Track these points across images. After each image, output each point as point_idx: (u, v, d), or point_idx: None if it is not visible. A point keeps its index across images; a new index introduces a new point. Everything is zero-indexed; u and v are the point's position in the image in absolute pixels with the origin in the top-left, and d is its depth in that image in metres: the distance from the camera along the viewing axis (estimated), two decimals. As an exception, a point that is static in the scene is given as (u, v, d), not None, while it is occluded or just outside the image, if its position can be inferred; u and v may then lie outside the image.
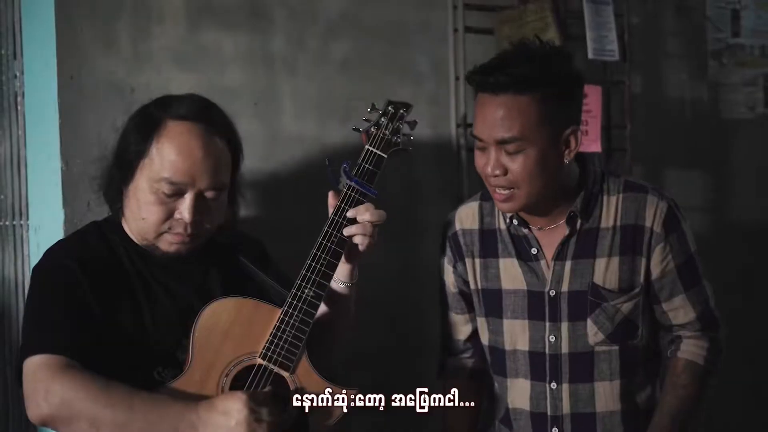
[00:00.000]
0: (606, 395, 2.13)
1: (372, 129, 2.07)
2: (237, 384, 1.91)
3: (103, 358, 1.87)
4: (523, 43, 2.09)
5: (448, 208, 2.92)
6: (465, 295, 2.29)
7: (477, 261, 2.23)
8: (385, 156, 2.05)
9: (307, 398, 1.90)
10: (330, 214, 2.00)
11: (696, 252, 2.17)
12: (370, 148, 2.05)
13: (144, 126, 1.98)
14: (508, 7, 3.02)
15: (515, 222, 2.16)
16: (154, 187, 1.95)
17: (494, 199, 2.09)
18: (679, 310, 2.16)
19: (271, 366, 1.91)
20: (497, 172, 2.01)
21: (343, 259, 2.01)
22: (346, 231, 1.98)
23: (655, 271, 2.12)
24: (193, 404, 1.83)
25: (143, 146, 1.96)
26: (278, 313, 1.94)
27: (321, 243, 1.97)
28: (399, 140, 2.07)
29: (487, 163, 2.03)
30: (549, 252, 2.14)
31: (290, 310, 1.94)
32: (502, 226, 2.20)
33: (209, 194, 1.99)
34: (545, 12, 2.95)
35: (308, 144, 2.75)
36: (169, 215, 1.97)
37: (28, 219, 2.75)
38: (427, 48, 3.00)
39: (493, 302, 2.21)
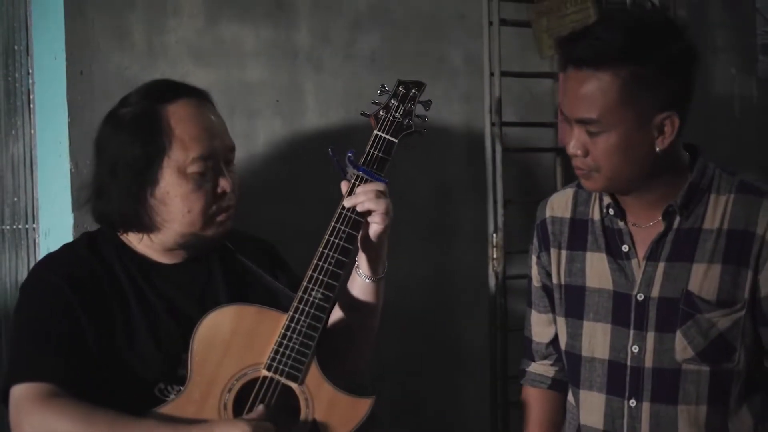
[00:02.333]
0: (690, 421, 1.92)
1: (381, 112, 1.95)
2: (241, 399, 1.78)
3: (98, 378, 1.79)
4: (623, 9, 1.95)
5: (481, 210, 2.89)
6: (549, 291, 2.12)
7: (563, 253, 2.06)
8: (396, 141, 1.92)
9: (318, 410, 1.79)
10: (338, 208, 1.88)
11: None
12: (379, 133, 1.93)
13: (147, 126, 1.87)
14: None
15: (611, 212, 1.97)
16: (189, 174, 1.86)
17: (578, 175, 1.94)
18: None
19: (277, 377, 1.79)
20: (578, 152, 1.86)
21: (362, 249, 1.90)
22: (347, 201, 1.86)
23: (765, 288, 1.87)
24: (185, 428, 1.72)
25: (159, 143, 1.86)
26: (283, 319, 1.82)
27: (328, 240, 1.85)
28: (411, 123, 1.95)
29: (569, 140, 1.89)
30: (642, 251, 1.95)
31: (297, 315, 1.81)
32: (596, 217, 2.02)
33: (230, 157, 1.95)
34: (586, 3, 2.81)
35: (333, 143, 2.62)
36: (212, 195, 1.90)
37: (39, 223, 2.68)
38: (460, 42, 2.92)
39: (574, 301, 2.03)
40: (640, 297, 1.93)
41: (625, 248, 1.95)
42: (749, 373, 1.94)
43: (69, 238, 2.32)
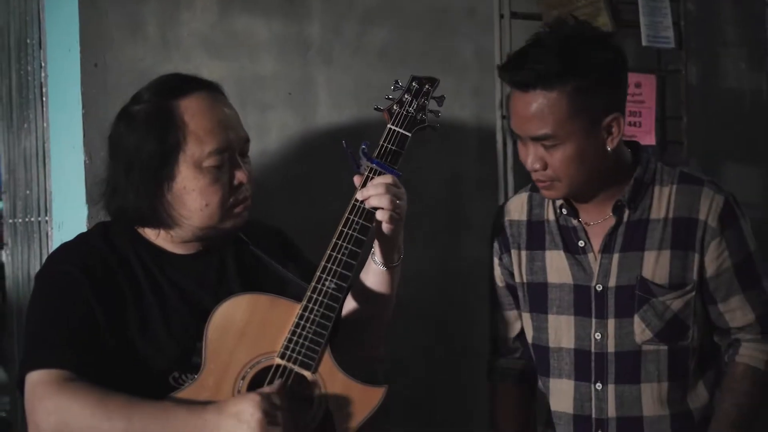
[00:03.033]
0: (653, 398, 2.04)
1: (395, 107, 1.98)
2: (255, 387, 1.79)
3: (112, 366, 1.80)
4: (547, 31, 2.00)
5: (492, 203, 2.86)
6: (512, 289, 2.22)
7: (523, 253, 2.17)
8: (409, 134, 1.95)
9: (331, 399, 1.80)
10: (351, 200, 1.89)
11: (756, 250, 2.06)
12: (392, 127, 1.95)
13: (160, 122, 1.87)
14: None
15: (564, 212, 2.09)
16: (205, 167, 1.87)
17: (539, 187, 2.04)
18: (736, 312, 2.05)
19: (291, 366, 1.80)
20: (536, 166, 1.97)
21: (377, 238, 1.92)
22: (359, 194, 1.87)
23: (710, 269, 2.03)
24: (200, 408, 1.72)
25: (174, 139, 1.86)
26: (297, 308, 1.83)
27: (342, 231, 1.87)
28: (425, 117, 1.98)
29: (527, 156, 1.99)
30: (596, 245, 2.07)
31: (310, 305, 1.82)
32: (551, 218, 2.14)
33: (245, 149, 1.96)
34: None
35: (345, 136, 2.62)
36: (229, 188, 1.90)
37: (52, 215, 2.69)
38: (471, 35, 2.90)
39: (538, 296, 2.14)
40: (599, 288, 2.05)
41: (581, 244, 2.08)
42: (702, 349, 2.08)
43: (83, 230, 2.30)
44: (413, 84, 2.00)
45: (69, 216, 2.47)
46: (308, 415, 1.78)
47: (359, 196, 1.87)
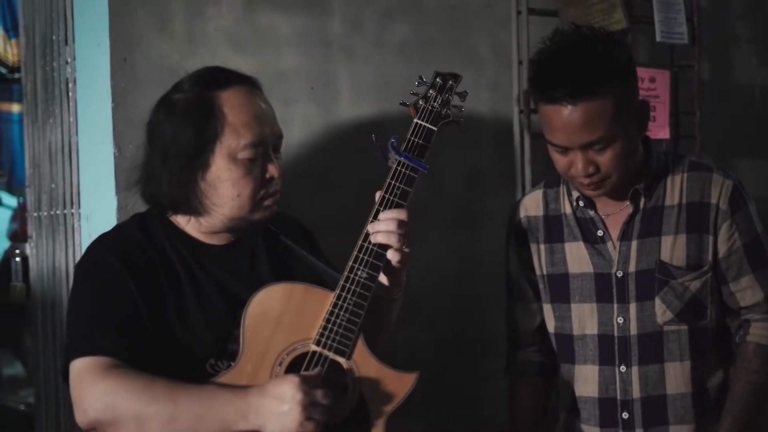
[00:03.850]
0: (676, 377, 2.09)
1: (420, 102, 2.01)
2: (291, 373, 1.80)
3: (152, 354, 1.82)
4: (570, 39, 2.03)
5: (509, 197, 2.87)
6: (531, 283, 2.25)
7: (542, 247, 2.21)
8: (435, 129, 1.98)
9: (365, 384, 1.83)
10: (381, 193, 1.93)
11: (763, 233, 2.14)
12: (419, 122, 1.98)
13: (200, 112, 1.90)
14: None
15: (582, 204, 2.14)
16: (239, 159, 1.90)
17: (583, 189, 2.08)
18: (746, 291, 2.11)
19: (326, 352, 1.83)
20: (591, 170, 1.99)
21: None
22: (374, 237, 1.89)
23: (722, 250, 2.09)
24: (242, 391, 1.76)
25: (212, 129, 1.89)
26: (330, 297, 1.86)
27: (372, 221, 1.90)
28: (449, 112, 2.01)
29: (571, 165, 2.01)
30: (615, 233, 2.12)
31: (343, 294, 1.86)
32: (568, 211, 2.19)
33: (278, 144, 1.99)
34: None
35: (366, 129, 2.61)
36: (261, 180, 1.93)
37: (79, 207, 2.71)
38: (489, 31, 2.92)
39: (559, 287, 2.18)
40: (619, 274, 2.11)
41: (599, 233, 2.13)
42: (720, 331, 2.15)
43: (112, 220, 2.35)
44: (437, 80, 2.03)
45: (97, 208, 2.50)
46: (343, 400, 1.81)
47: (370, 229, 1.89)
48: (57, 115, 2.93)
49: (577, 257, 2.16)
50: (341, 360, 1.83)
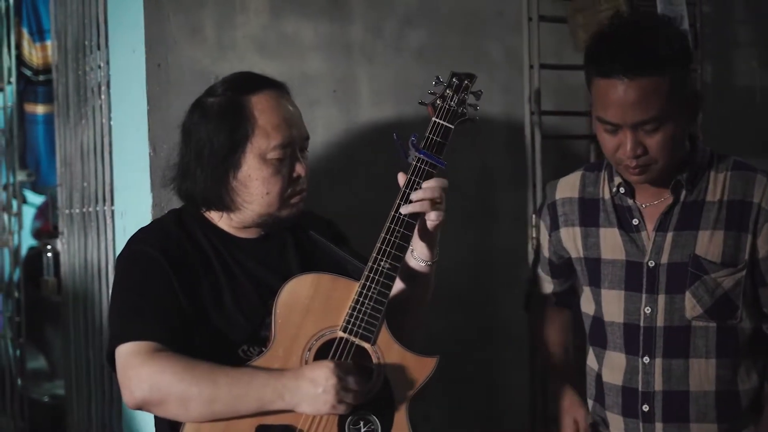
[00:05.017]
0: (701, 373, 2.04)
1: (438, 101, 2.04)
2: (320, 357, 1.89)
3: (190, 340, 1.90)
4: (632, 19, 2.00)
5: (520, 195, 2.95)
6: (552, 264, 2.28)
7: (577, 229, 2.18)
8: (452, 126, 2.01)
9: (389, 368, 1.91)
10: (402, 188, 1.97)
11: None
12: (437, 120, 2.02)
13: (232, 114, 1.98)
14: None
15: (622, 190, 2.09)
16: (269, 159, 1.98)
17: (627, 175, 2.03)
18: None
19: (352, 338, 1.90)
20: (639, 151, 1.94)
21: (418, 237, 2.00)
22: (407, 209, 1.94)
23: (763, 250, 2.02)
24: (278, 373, 1.84)
25: (243, 131, 1.97)
26: (356, 286, 1.93)
27: (394, 216, 1.95)
28: (465, 111, 2.04)
29: (619, 146, 1.95)
30: (651, 224, 2.08)
31: (368, 283, 1.92)
32: (606, 196, 2.14)
33: (305, 145, 2.06)
34: (618, 0, 2.87)
35: (385, 130, 2.72)
36: (289, 179, 2.01)
37: (112, 205, 2.80)
38: (501, 36, 2.97)
39: (593, 271, 2.16)
40: (651, 264, 2.06)
41: (635, 222, 2.09)
42: (754, 334, 2.07)
43: (147, 217, 2.43)
44: (453, 80, 2.06)
45: (132, 205, 2.59)
46: (368, 383, 1.88)
47: (414, 197, 1.95)
48: (89, 117, 3.02)
49: (610, 243, 2.12)
50: (366, 345, 1.91)
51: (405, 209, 1.94)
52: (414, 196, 1.95)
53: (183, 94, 2.40)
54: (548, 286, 2.33)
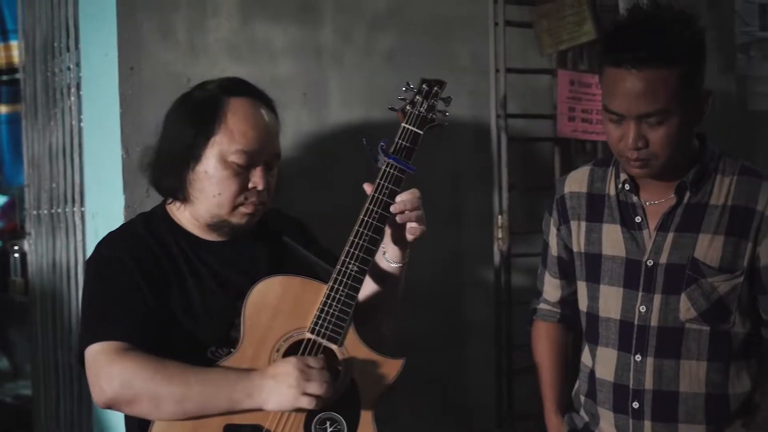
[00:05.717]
0: (692, 375, 2.03)
1: (407, 107, 2.05)
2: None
3: (158, 341, 1.91)
4: (648, 10, 1.96)
5: (487, 195, 2.99)
6: (562, 261, 2.23)
7: (582, 224, 2.16)
8: (422, 132, 2.02)
9: (356, 369, 1.93)
10: (369, 193, 1.98)
11: None
12: (407, 126, 2.02)
13: (206, 108, 2.00)
14: (547, 1, 3.01)
15: (627, 187, 2.07)
16: (228, 161, 1.98)
17: (628, 167, 2.00)
18: None
19: (320, 340, 1.92)
20: (640, 144, 1.92)
21: (392, 241, 2.02)
22: (394, 209, 1.96)
23: (765, 259, 2.00)
24: (246, 373, 1.87)
25: (210, 127, 1.99)
26: (324, 288, 1.94)
27: (363, 219, 1.96)
28: (434, 117, 2.05)
29: (623, 136, 1.94)
30: (653, 222, 2.05)
31: (336, 286, 1.94)
32: (612, 192, 2.12)
33: (272, 162, 2.05)
34: (582, 6, 2.95)
35: (355, 133, 2.75)
36: (244, 187, 2.01)
37: (82, 206, 2.82)
38: (468, 41, 3.01)
39: (593, 267, 2.14)
40: (650, 263, 2.04)
41: (638, 219, 2.06)
42: (747, 338, 2.06)
43: (119, 218, 2.45)
44: (423, 86, 2.07)
45: (103, 206, 2.60)
46: (335, 384, 1.90)
47: (393, 209, 1.96)
48: (58, 118, 3.03)
49: (612, 240, 2.10)
50: (334, 347, 1.93)
51: (399, 218, 1.96)
52: (395, 208, 1.97)
53: (155, 96, 2.43)
54: (555, 292, 2.28)
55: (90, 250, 2.63)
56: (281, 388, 1.85)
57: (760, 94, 3.84)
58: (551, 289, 2.28)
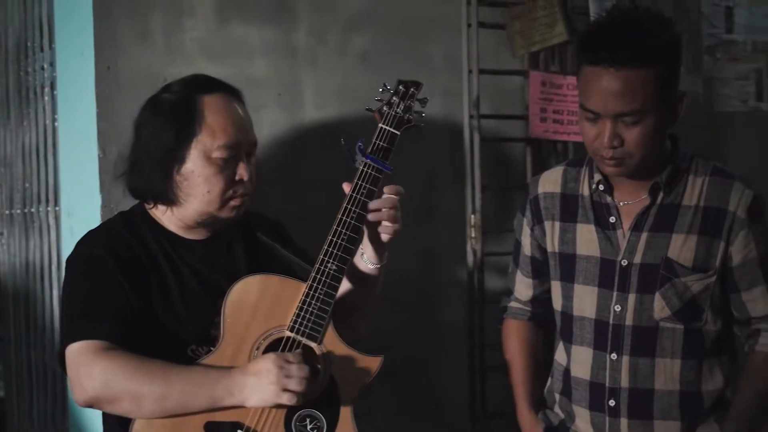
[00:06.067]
0: (666, 373, 2.06)
1: (384, 108, 2.07)
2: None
3: (139, 340, 1.92)
4: (627, 11, 1.98)
5: (460, 195, 3.01)
6: (535, 261, 2.24)
7: (557, 224, 2.17)
8: (398, 133, 2.05)
9: (335, 367, 1.95)
10: (348, 192, 2.01)
11: None
12: (384, 126, 2.05)
13: (182, 110, 2.02)
14: (519, 3, 3.04)
15: (601, 187, 2.09)
16: (213, 158, 2.01)
17: (603, 166, 2.02)
18: (758, 302, 2.06)
19: (299, 338, 1.94)
20: (615, 143, 1.93)
21: (369, 242, 2.05)
22: (371, 216, 1.99)
23: (737, 258, 2.04)
24: (227, 371, 1.89)
25: (191, 127, 2.00)
26: (303, 287, 1.97)
27: (341, 219, 1.99)
28: (411, 117, 2.07)
29: (598, 135, 1.95)
30: (627, 222, 2.07)
31: (315, 284, 1.96)
32: (585, 192, 2.14)
33: (251, 151, 2.09)
34: (554, 8, 2.98)
35: (329, 133, 2.77)
36: (231, 181, 2.04)
37: (56, 205, 2.81)
38: (442, 42, 3.03)
39: (567, 266, 2.15)
40: (624, 263, 2.06)
41: (612, 219, 2.08)
42: (719, 336, 2.10)
43: (94, 217, 2.45)
44: (400, 87, 2.10)
45: (79, 205, 2.60)
46: (315, 382, 1.93)
47: (372, 206, 2.00)
48: (32, 118, 3.02)
49: (586, 239, 2.12)
50: (313, 344, 1.95)
51: (371, 216, 1.99)
52: (373, 205, 1.99)
53: (132, 96, 2.40)
54: (527, 291, 2.29)
55: (65, 250, 2.67)
56: (262, 385, 1.86)
57: (725, 96, 3.87)
58: (523, 287, 2.30)
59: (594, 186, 2.11)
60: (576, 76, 2.02)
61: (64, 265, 2.63)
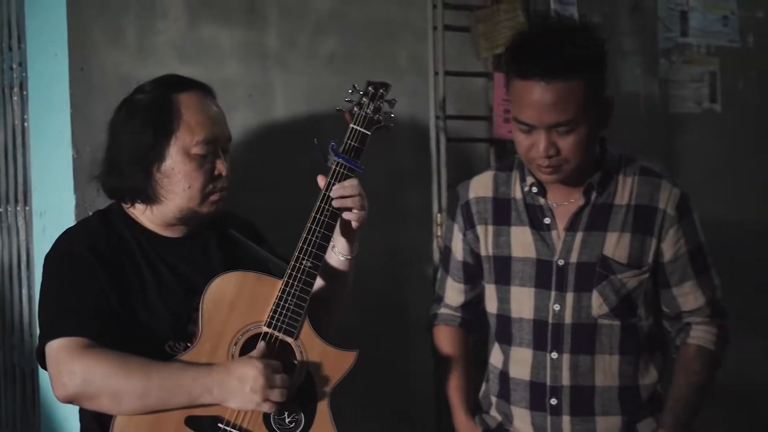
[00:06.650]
0: (605, 369, 2.10)
1: (355, 109, 2.12)
2: (246, 351, 1.97)
3: (118, 336, 1.95)
4: (552, 23, 2.04)
5: (426, 194, 3.04)
6: (467, 266, 2.27)
7: (490, 228, 2.20)
8: (369, 133, 2.10)
9: (311, 362, 2.00)
10: (322, 190, 2.06)
11: (705, 242, 2.16)
12: (354, 127, 2.10)
13: (159, 109, 2.05)
14: (483, 7, 3.09)
15: (534, 190, 2.12)
16: (192, 154, 2.05)
17: (539, 174, 2.05)
18: (689, 296, 2.13)
19: (276, 333, 1.98)
20: (551, 152, 1.98)
21: (339, 233, 2.09)
22: (335, 192, 2.03)
23: (668, 254, 2.10)
24: (208, 369, 1.91)
25: (169, 125, 2.04)
26: (279, 284, 2.00)
27: (315, 217, 2.03)
28: (381, 118, 2.13)
29: (533, 145, 1.99)
30: (561, 223, 2.12)
31: (290, 281, 2.00)
32: (518, 196, 2.18)
33: (226, 146, 2.13)
34: (517, 11, 3.04)
35: (299, 133, 2.81)
36: (210, 176, 2.07)
37: (26, 205, 2.81)
38: (408, 44, 3.07)
39: (502, 269, 2.18)
40: (561, 263, 2.11)
41: (546, 221, 2.14)
42: (651, 332, 2.17)
43: (68, 216, 2.46)
44: (369, 88, 2.15)
45: (52, 205, 2.61)
46: (291, 377, 1.97)
47: (334, 194, 2.04)
48: (1, 118, 3.02)
49: (521, 242, 2.15)
50: (290, 340, 2.00)
51: (335, 203, 2.03)
52: (335, 192, 2.03)
53: (106, 97, 2.43)
54: (458, 297, 2.32)
55: (36, 250, 2.68)
56: (245, 391, 1.90)
57: (680, 98, 3.96)
58: (454, 294, 2.33)
59: (527, 189, 2.15)
60: (506, 88, 2.06)
61: (33, 265, 2.68)
